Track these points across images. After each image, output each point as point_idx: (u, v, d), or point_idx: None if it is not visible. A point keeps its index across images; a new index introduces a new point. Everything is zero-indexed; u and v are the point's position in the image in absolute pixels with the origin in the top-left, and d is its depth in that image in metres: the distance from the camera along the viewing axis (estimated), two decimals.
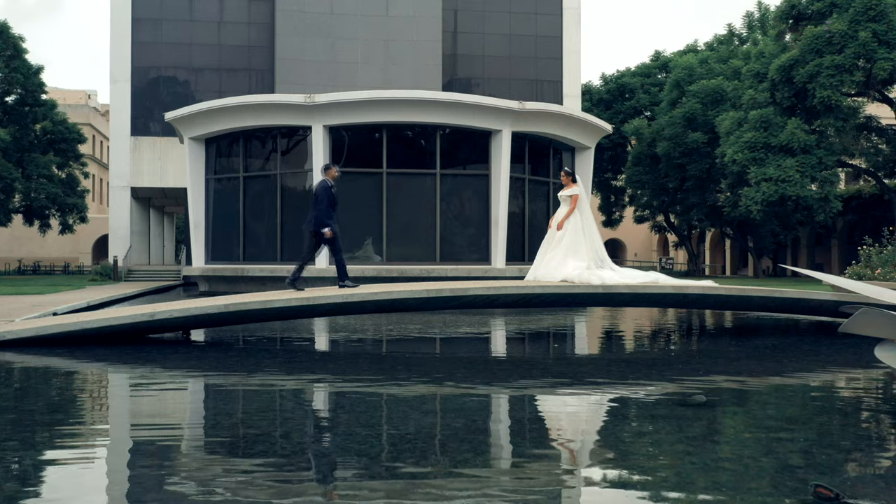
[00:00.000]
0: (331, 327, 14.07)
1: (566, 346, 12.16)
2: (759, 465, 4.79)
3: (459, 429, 5.82)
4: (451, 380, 8.17)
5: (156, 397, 7.47)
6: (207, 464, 4.85)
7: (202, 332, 12.83)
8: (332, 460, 5.00)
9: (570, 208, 13.34)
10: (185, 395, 7.75)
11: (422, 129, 26.47)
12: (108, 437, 5.77)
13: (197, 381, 8.44)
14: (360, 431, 5.62)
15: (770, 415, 6.46)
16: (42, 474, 4.70)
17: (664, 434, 5.63)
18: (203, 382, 8.32)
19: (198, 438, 5.64)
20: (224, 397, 7.44)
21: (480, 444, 5.42)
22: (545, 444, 5.51)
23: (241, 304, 11.17)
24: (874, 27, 33.07)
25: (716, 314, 15.78)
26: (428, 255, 26.03)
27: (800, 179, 34.82)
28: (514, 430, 6.04)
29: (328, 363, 9.66)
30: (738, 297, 12.37)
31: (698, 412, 6.31)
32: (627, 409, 6.67)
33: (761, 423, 6.06)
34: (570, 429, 6.10)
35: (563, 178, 13.63)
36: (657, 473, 4.67)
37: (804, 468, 4.69)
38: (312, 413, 6.85)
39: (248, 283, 26.11)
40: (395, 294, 11.55)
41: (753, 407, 6.88)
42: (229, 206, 27.48)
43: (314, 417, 6.61)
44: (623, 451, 5.23)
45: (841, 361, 9.73)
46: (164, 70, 40.85)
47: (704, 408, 6.49)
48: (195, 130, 27.51)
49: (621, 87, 55.66)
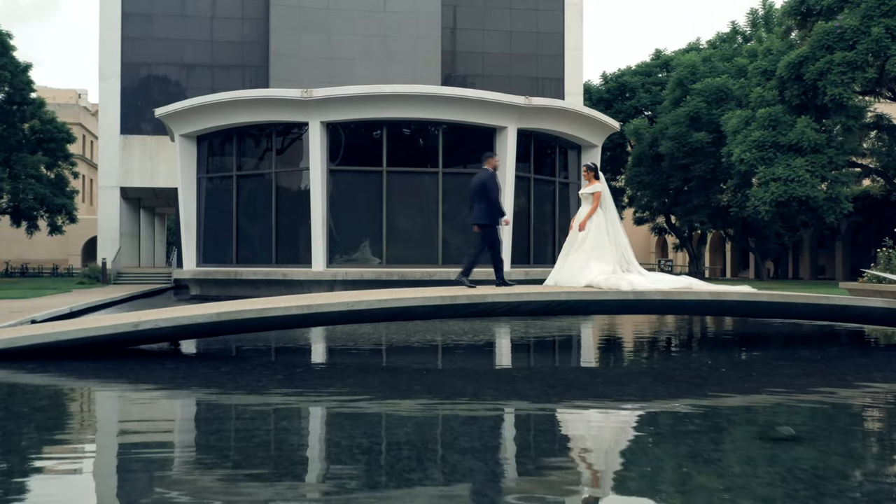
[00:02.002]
0: (333, 335, 12.93)
1: (609, 360, 11.04)
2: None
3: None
4: (478, 399, 7.07)
5: (125, 428, 6.36)
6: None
7: (193, 341, 11.72)
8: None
9: (593, 207, 12.24)
10: (164, 428, 6.63)
11: (423, 126, 25.37)
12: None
13: (183, 403, 7.33)
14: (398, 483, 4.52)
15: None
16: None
17: (771, 479, 4.54)
18: (190, 407, 7.21)
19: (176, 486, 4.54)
20: (214, 427, 6.31)
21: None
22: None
23: (235, 312, 10.05)
24: (887, 22, 32.06)
25: (744, 321, 14.72)
26: (429, 257, 24.93)
27: (810, 179, 33.81)
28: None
29: (335, 379, 8.54)
30: (780, 304, 11.30)
31: (795, 452, 5.22)
32: (712, 439, 5.58)
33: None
34: (669, 473, 5.01)
35: (585, 173, 12.52)
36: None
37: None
38: (330, 454, 5.73)
39: (242, 286, 24.98)
40: (405, 301, 10.44)
41: (855, 444, 5.79)
42: (222, 207, 26.33)
43: (335, 458, 5.49)
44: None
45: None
46: (155, 67, 39.66)
47: (796, 443, 5.40)
48: (186, 127, 26.36)
49: (621, 86, 54.60)
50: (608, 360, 10.51)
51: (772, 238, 48.55)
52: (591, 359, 10.70)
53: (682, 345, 12.69)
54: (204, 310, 10.49)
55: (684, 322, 15.29)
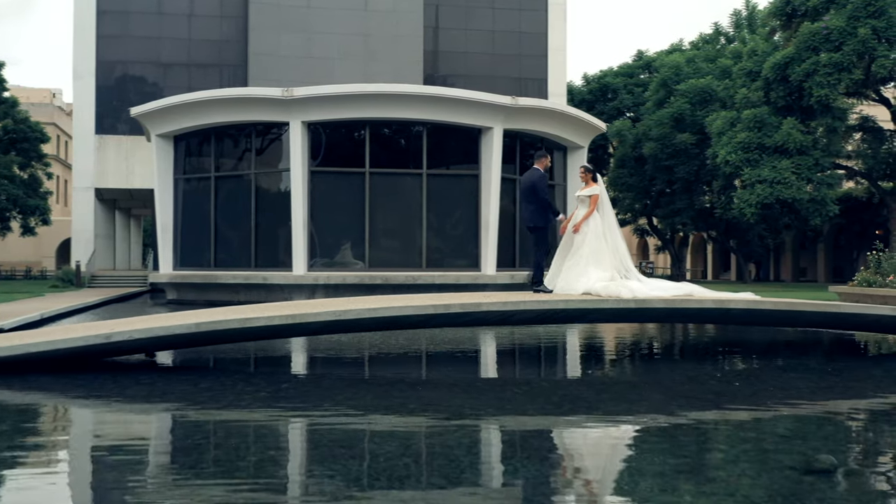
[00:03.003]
0: (316, 342, 12.32)
1: (611, 372, 10.50)
2: None
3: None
4: (474, 415, 6.51)
5: (93, 454, 5.75)
6: None
7: (170, 351, 11.09)
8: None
9: (590, 210, 11.70)
10: (136, 459, 6.02)
11: (407, 126, 24.78)
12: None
13: (158, 425, 6.72)
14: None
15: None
16: None
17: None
18: (166, 431, 6.60)
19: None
20: (193, 459, 5.70)
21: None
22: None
23: (215, 322, 9.43)
24: (874, 23, 31.86)
25: (724, 326, 14.19)
26: (413, 260, 24.35)
27: (795, 182, 33.55)
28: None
29: (324, 395, 7.94)
30: (787, 311, 10.81)
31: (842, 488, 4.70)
32: (744, 472, 5.05)
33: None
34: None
35: (582, 175, 11.98)
36: None
37: None
38: (325, 489, 5.14)
39: (220, 290, 24.31)
40: (395, 310, 9.86)
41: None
42: (200, 209, 25.63)
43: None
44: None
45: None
46: (131, 65, 38.83)
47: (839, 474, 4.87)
48: (163, 127, 25.63)
49: (604, 87, 54.25)
50: (610, 372, 9.96)
51: (755, 240, 48.35)
52: (592, 371, 10.15)
53: (681, 355, 12.18)
54: (181, 320, 9.87)
55: (666, 329, 14.78)
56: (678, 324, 14.57)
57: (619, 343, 13.19)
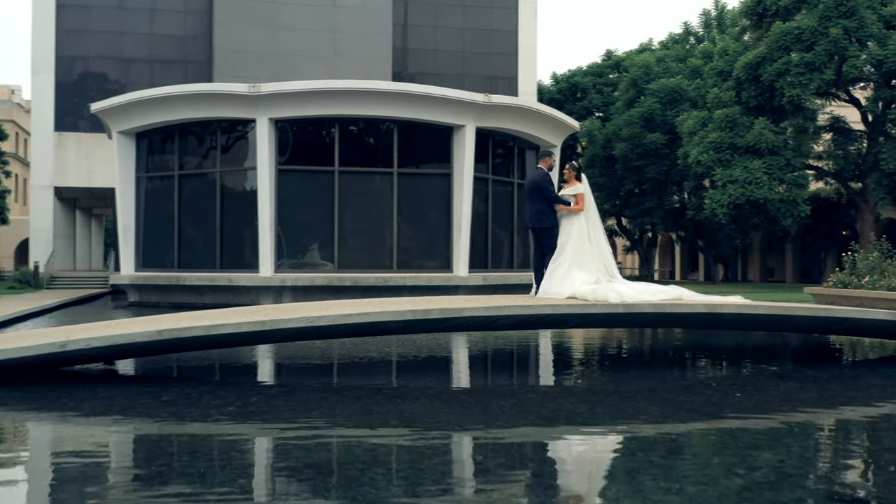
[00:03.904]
0: (286, 348, 11.71)
1: (602, 381, 9.98)
2: None
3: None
4: (464, 429, 5.96)
5: (38, 483, 5.13)
6: None
7: (131, 359, 10.44)
8: None
9: (575, 208, 11.17)
10: (87, 480, 5.39)
11: (377, 124, 24.16)
12: None
13: (117, 447, 6.10)
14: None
15: None
16: None
17: None
18: (126, 453, 5.98)
19: None
20: (155, 491, 5.09)
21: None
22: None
23: (179, 330, 8.80)
24: (846, 23, 31.69)
25: (701, 332, 13.73)
26: (383, 261, 23.74)
27: (767, 182, 33.34)
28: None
29: (297, 409, 7.33)
30: (779, 316, 10.36)
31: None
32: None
33: None
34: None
35: (567, 173, 11.46)
36: None
37: None
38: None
39: (184, 292, 23.56)
40: (372, 316, 9.29)
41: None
42: (162, 208, 24.82)
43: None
44: None
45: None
46: (92, 61, 37.77)
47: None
48: (125, 123, 24.81)
49: (573, 86, 53.86)
50: (599, 381, 9.44)
51: (724, 241, 48.25)
52: (580, 380, 9.64)
53: (668, 362, 11.73)
54: (143, 327, 9.21)
55: (638, 333, 14.32)
56: (662, 329, 14.13)
57: (602, 348, 12.70)
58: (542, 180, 11.25)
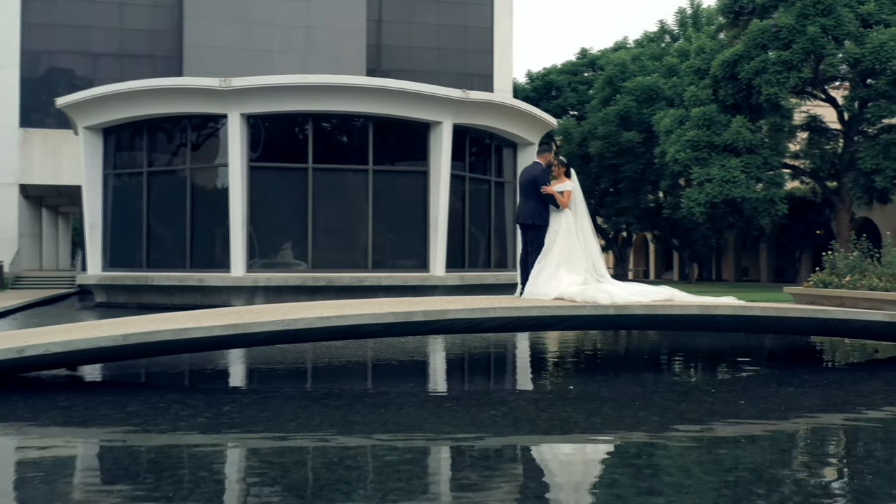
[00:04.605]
0: (265, 354, 11.17)
1: (589, 386, 9.52)
2: None
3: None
4: (456, 440, 5.48)
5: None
6: None
7: (96, 364, 9.87)
8: None
9: (563, 204, 10.72)
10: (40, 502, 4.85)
11: (352, 120, 23.63)
12: None
13: (79, 467, 5.56)
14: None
15: None
16: None
17: None
18: (84, 476, 5.44)
19: None
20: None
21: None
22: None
23: (146, 334, 8.25)
24: (823, 21, 31.58)
25: (680, 334, 13.33)
26: (358, 261, 23.21)
27: (745, 180, 33.16)
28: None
29: (273, 419, 6.82)
30: (774, 318, 9.97)
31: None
32: None
33: None
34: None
35: (556, 169, 10.99)
36: None
37: None
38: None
39: (153, 293, 22.90)
40: (351, 318, 8.79)
41: None
42: (131, 206, 24.11)
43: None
44: None
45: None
46: (58, 56, 36.93)
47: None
48: (91, 119, 24.09)
49: (548, 84, 53.62)
50: (591, 387, 8.97)
51: (700, 240, 48.15)
52: (572, 385, 9.18)
53: (657, 365, 11.32)
54: (107, 331, 8.65)
55: (621, 336, 13.92)
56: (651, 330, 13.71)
57: (590, 351, 12.26)
58: (541, 175, 10.78)
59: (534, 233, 10.82)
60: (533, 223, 10.79)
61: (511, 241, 26.66)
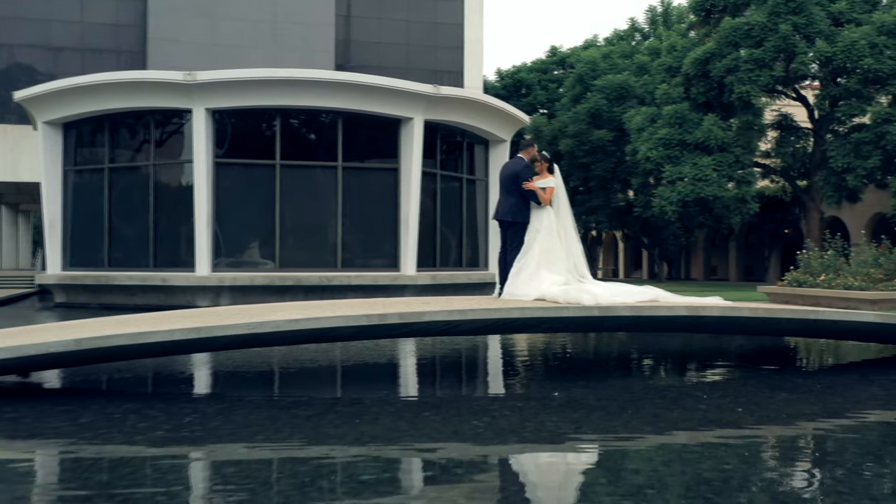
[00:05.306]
0: (230, 356, 10.62)
1: (587, 392, 9.07)
2: None
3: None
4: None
5: None
6: None
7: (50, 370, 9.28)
8: None
9: (545, 203, 10.28)
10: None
11: (321, 116, 23.04)
12: None
13: (21, 476, 5.02)
14: None
15: None
16: None
17: None
18: (32, 490, 4.90)
19: None
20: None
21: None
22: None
23: (101, 339, 7.68)
24: (795, 19, 31.49)
25: (648, 335, 12.93)
26: (327, 260, 22.65)
27: (716, 179, 33.00)
28: None
29: (237, 431, 6.30)
30: (764, 319, 9.59)
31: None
32: None
33: None
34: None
35: (539, 165, 10.54)
36: None
37: None
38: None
39: (115, 293, 22.20)
40: (322, 321, 8.27)
41: None
42: (92, 203, 23.37)
43: None
44: None
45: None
46: (18, 50, 35.94)
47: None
48: (51, 113, 23.31)
49: (517, 82, 53.38)
50: (579, 393, 8.51)
51: (670, 239, 48.06)
52: (556, 391, 8.71)
53: (641, 369, 10.91)
54: (59, 335, 8.07)
55: (602, 338, 13.50)
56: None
57: (570, 353, 11.83)
58: (524, 171, 10.32)
59: (514, 230, 10.37)
60: (513, 220, 10.34)
61: (483, 239, 26.23)
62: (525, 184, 10.21)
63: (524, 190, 10.23)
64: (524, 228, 10.26)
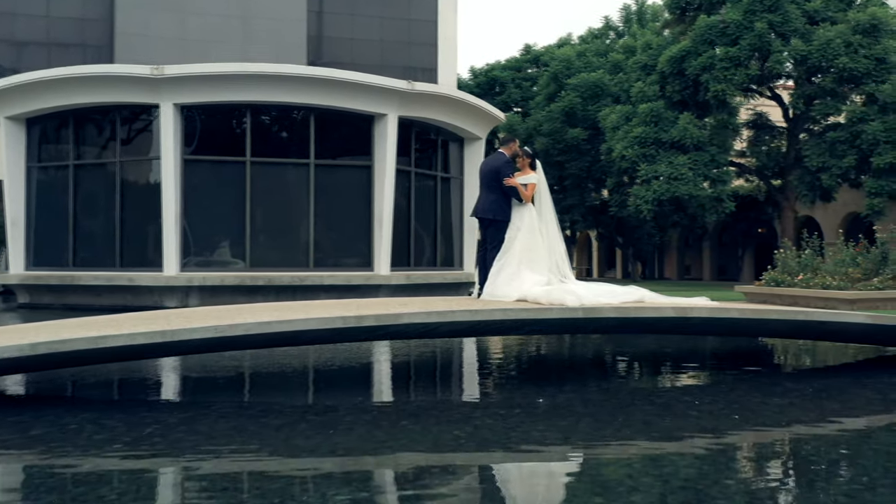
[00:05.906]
0: (197, 358, 10.15)
1: (573, 397, 8.69)
2: None
3: None
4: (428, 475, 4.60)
5: None
6: None
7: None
8: None
9: (526, 200, 9.91)
10: None
11: (293, 112, 22.53)
12: None
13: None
14: None
15: None
16: None
17: None
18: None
19: None
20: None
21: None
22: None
23: (59, 342, 7.21)
24: (770, 17, 31.37)
25: (643, 336, 12.61)
26: (299, 259, 22.15)
27: (692, 178, 32.84)
28: None
29: (200, 442, 5.88)
30: (753, 320, 9.28)
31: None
32: None
33: None
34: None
35: (521, 161, 10.17)
36: None
37: None
38: None
39: (80, 293, 21.58)
40: (295, 324, 7.83)
41: None
42: (56, 201, 22.72)
43: None
44: None
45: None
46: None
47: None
48: (13, 108, 22.62)
49: (491, 80, 53.04)
50: (564, 399, 8.13)
51: (644, 238, 47.94)
52: (540, 397, 8.32)
53: (624, 373, 10.57)
54: (13, 338, 7.57)
55: (577, 339, 13.15)
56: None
57: (549, 356, 11.46)
58: (505, 167, 9.94)
59: (494, 228, 9.99)
60: (494, 218, 9.96)
61: (458, 238, 25.85)
62: (506, 180, 9.85)
63: (505, 186, 9.86)
64: (505, 226, 9.89)
